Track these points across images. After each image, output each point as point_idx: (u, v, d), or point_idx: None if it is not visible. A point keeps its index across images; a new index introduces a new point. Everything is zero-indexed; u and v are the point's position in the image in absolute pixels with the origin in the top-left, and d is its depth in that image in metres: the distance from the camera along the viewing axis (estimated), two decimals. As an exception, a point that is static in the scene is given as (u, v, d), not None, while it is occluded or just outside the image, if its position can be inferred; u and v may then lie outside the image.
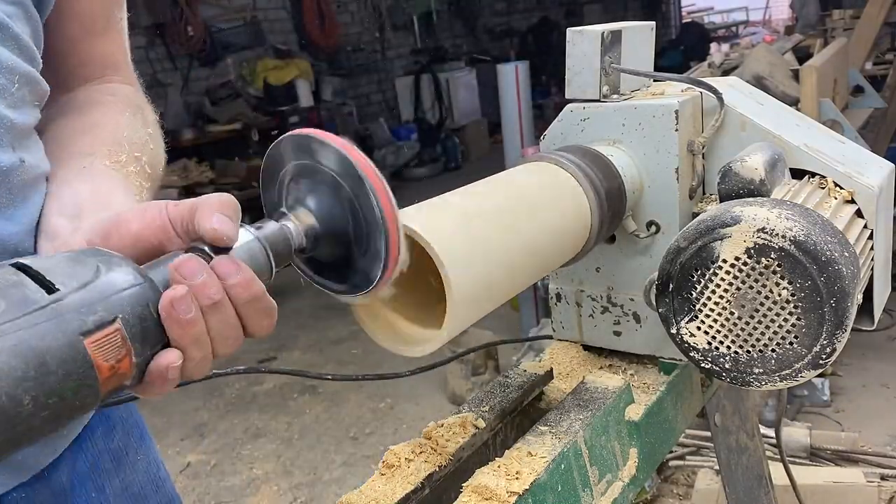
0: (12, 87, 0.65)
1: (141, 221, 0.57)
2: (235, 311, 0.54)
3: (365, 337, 0.68)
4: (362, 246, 0.59)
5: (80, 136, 0.74)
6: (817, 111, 2.80)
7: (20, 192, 0.67)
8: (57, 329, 0.45)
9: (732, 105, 0.90)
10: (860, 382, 3.20)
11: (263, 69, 7.50)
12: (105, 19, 0.83)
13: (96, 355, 0.46)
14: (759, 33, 9.75)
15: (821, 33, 4.55)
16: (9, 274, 0.46)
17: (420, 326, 0.68)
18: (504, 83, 3.85)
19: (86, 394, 0.46)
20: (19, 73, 0.66)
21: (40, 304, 0.45)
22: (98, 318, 0.47)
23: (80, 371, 0.46)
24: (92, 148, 0.72)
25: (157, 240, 0.57)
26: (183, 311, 0.51)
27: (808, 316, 0.69)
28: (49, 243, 0.65)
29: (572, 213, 0.80)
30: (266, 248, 0.57)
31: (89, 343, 0.46)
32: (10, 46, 0.65)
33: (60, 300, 0.46)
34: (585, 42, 0.91)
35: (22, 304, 0.44)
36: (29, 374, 0.43)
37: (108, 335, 0.47)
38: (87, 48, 0.82)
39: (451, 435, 0.80)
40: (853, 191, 0.86)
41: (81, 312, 0.46)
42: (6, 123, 0.65)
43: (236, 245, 0.56)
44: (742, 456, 1.12)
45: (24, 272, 0.47)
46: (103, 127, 0.75)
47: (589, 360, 1.00)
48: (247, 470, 3.23)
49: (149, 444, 0.91)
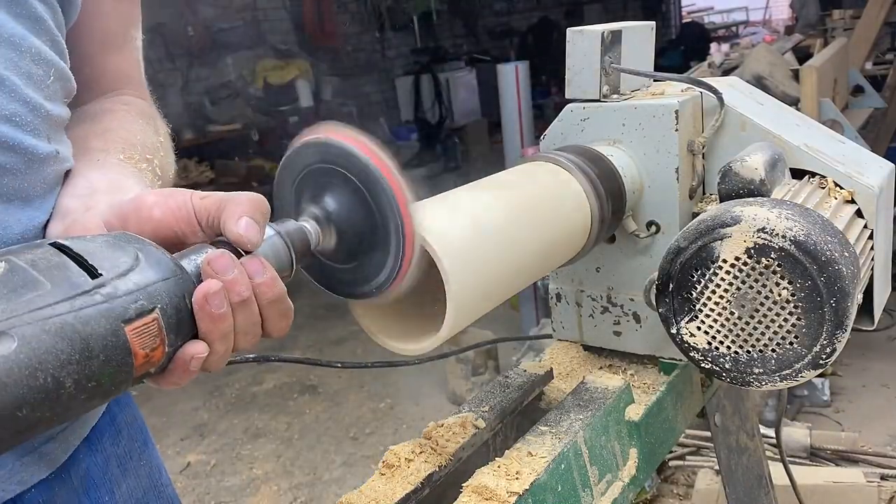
0: (48, 80, 0.67)
1: (164, 208, 0.57)
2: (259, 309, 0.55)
3: (365, 337, 0.68)
4: (377, 246, 0.59)
5: (93, 137, 0.75)
6: (817, 111, 2.80)
7: (54, 184, 0.69)
8: (100, 315, 0.45)
9: (732, 105, 0.90)
10: (860, 382, 3.20)
11: (263, 69, 7.49)
12: (122, 37, 0.85)
13: (135, 343, 0.47)
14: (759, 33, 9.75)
15: (821, 33, 4.55)
16: (50, 254, 0.47)
17: (419, 325, 0.68)
18: (504, 83, 3.85)
19: (120, 380, 0.47)
20: (54, 67, 0.68)
21: (84, 289, 0.45)
22: (139, 307, 0.47)
23: (119, 358, 0.46)
24: (105, 145, 0.73)
25: (180, 230, 0.57)
26: (216, 306, 0.51)
27: (808, 316, 0.69)
28: (60, 222, 0.66)
29: (572, 212, 0.80)
30: (289, 245, 0.57)
31: (129, 330, 0.47)
32: (46, 41, 0.67)
33: (103, 285, 0.46)
34: (585, 42, 0.91)
35: (67, 287, 0.45)
36: (73, 358, 0.43)
37: (147, 324, 0.48)
38: (103, 63, 0.84)
39: (451, 435, 0.80)
40: (853, 191, 0.86)
41: (124, 300, 0.47)
42: (43, 113, 0.66)
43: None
44: (742, 456, 1.12)
45: (64, 253, 0.47)
46: (116, 131, 0.77)
47: (589, 360, 1.00)
48: (247, 470, 3.23)
49: (151, 450, 0.92)
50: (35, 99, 0.65)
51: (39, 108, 0.66)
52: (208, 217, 0.56)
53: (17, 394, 0.40)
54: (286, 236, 0.57)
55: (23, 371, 0.41)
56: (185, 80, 7.20)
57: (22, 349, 0.41)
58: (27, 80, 0.64)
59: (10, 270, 0.44)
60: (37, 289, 0.44)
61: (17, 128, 0.63)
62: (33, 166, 0.65)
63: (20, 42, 0.64)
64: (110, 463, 0.83)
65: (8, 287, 0.43)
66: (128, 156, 0.73)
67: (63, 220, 0.66)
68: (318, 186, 0.60)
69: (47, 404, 0.42)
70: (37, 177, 0.66)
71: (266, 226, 0.57)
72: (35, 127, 0.65)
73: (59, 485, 0.76)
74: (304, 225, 0.59)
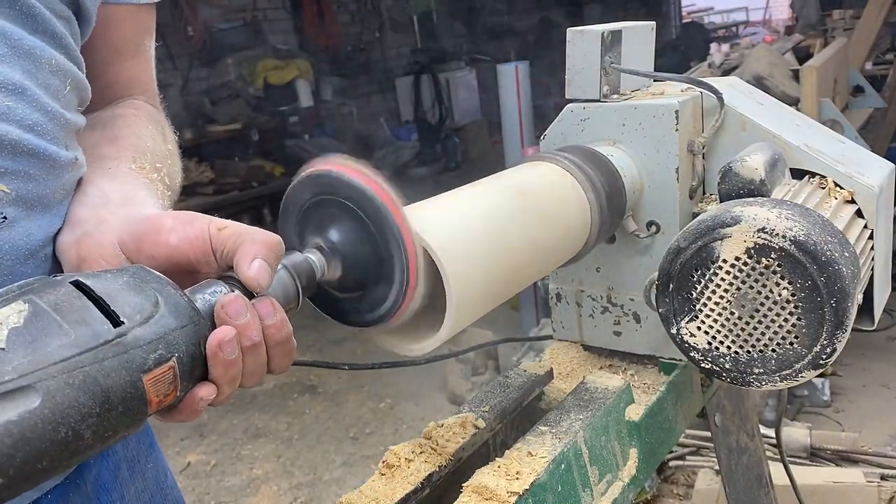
0: (65, 90, 0.68)
1: (181, 236, 0.58)
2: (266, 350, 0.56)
3: (365, 337, 0.68)
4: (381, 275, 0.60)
5: (105, 144, 0.75)
6: (817, 111, 2.80)
7: (72, 191, 0.70)
8: (122, 367, 0.45)
9: (732, 105, 0.90)
10: (860, 382, 3.20)
11: (263, 69, 7.49)
12: (136, 46, 0.86)
13: (150, 391, 0.47)
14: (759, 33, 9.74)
15: (821, 33, 4.56)
16: (72, 297, 0.46)
17: (419, 325, 0.68)
18: (504, 83, 3.85)
19: (134, 426, 0.47)
20: (71, 77, 0.69)
21: (107, 339, 0.45)
22: (158, 357, 0.48)
23: (135, 407, 0.47)
24: (117, 153, 0.74)
25: (195, 258, 0.58)
26: (229, 353, 0.52)
27: (809, 316, 0.69)
28: (70, 232, 0.66)
29: (572, 213, 0.80)
30: (295, 278, 0.58)
31: (147, 380, 0.47)
32: (62, 52, 0.68)
33: (125, 335, 0.46)
34: (585, 42, 0.91)
35: (90, 337, 0.45)
36: (94, 411, 0.43)
37: (164, 372, 0.48)
38: (117, 71, 0.85)
39: (451, 435, 0.80)
40: (853, 191, 0.86)
41: (144, 350, 0.47)
42: (62, 121, 0.67)
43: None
44: (742, 456, 1.12)
45: (85, 294, 0.47)
46: (127, 137, 0.77)
47: (589, 360, 1.00)
48: (247, 470, 3.23)
49: (157, 453, 0.92)
50: (54, 108, 0.66)
51: (59, 116, 0.67)
52: (223, 250, 0.57)
53: (39, 448, 0.41)
54: (293, 270, 0.58)
55: (46, 426, 0.41)
56: (185, 80, 7.20)
57: (46, 404, 0.41)
58: (45, 90, 0.65)
59: (34, 315, 0.44)
60: (60, 337, 0.44)
61: (39, 136, 0.64)
62: (54, 173, 0.66)
63: (39, 55, 0.65)
64: (120, 466, 0.83)
65: (32, 335, 0.43)
66: (139, 165, 0.73)
67: (74, 231, 0.66)
68: (322, 218, 0.61)
69: (66, 455, 0.43)
70: (57, 183, 0.67)
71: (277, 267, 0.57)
72: (55, 135, 0.66)
73: (73, 490, 0.76)
74: (309, 256, 0.60)
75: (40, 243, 0.66)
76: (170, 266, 0.58)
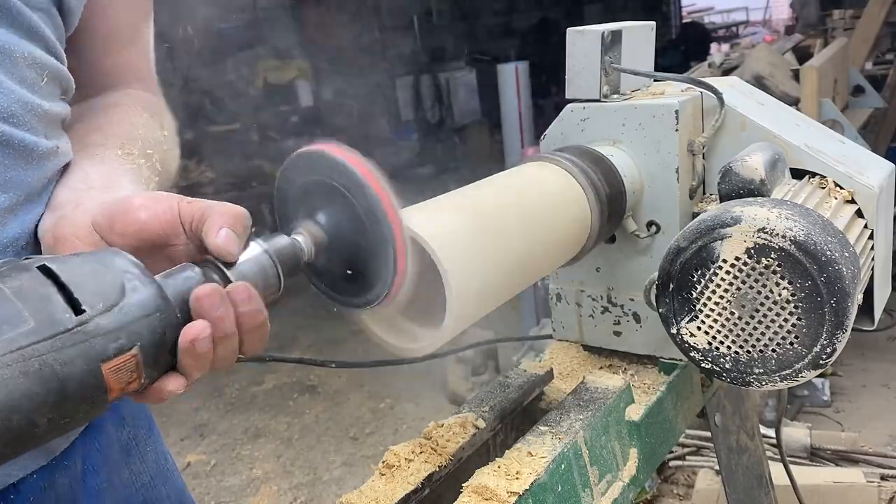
0: (41, 81, 0.69)
1: (150, 212, 0.59)
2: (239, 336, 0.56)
3: (364, 337, 0.68)
4: (370, 259, 0.59)
5: (94, 132, 0.76)
6: (817, 111, 2.80)
7: (54, 179, 0.70)
8: (80, 356, 0.45)
9: (732, 105, 0.90)
10: (860, 382, 3.20)
11: (263, 69, 7.49)
12: (131, 32, 0.86)
13: (110, 379, 0.47)
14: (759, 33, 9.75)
15: (821, 33, 4.56)
16: (38, 283, 0.46)
17: (419, 325, 0.68)
18: (504, 83, 3.85)
19: (94, 412, 0.47)
20: (48, 69, 0.69)
21: (66, 327, 0.45)
22: (118, 346, 0.47)
23: (94, 395, 0.46)
24: (104, 140, 0.74)
25: (164, 232, 0.59)
26: (201, 347, 0.52)
27: (809, 316, 0.69)
28: (51, 214, 0.67)
29: (572, 213, 0.80)
30: (275, 261, 0.58)
31: (106, 368, 0.47)
32: (39, 45, 0.69)
33: (86, 322, 0.46)
34: (585, 42, 0.91)
35: (49, 324, 0.45)
36: (49, 400, 0.43)
37: (125, 361, 0.48)
38: (113, 59, 0.85)
39: (451, 435, 0.80)
40: (853, 191, 0.86)
41: (105, 338, 0.47)
42: (39, 112, 0.68)
43: (246, 258, 0.57)
44: (742, 456, 1.12)
45: (51, 279, 0.47)
46: (118, 124, 0.78)
47: (589, 360, 1.00)
48: (247, 470, 3.23)
49: (157, 437, 0.93)
50: (31, 99, 0.67)
51: (36, 107, 0.67)
52: (192, 223, 0.58)
53: None
54: (274, 254, 0.58)
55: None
56: (185, 80, 7.20)
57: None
58: (20, 83, 0.66)
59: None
60: (19, 325, 0.44)
61: (14, 126, 0.65)
62: (33, 162, 0.67)
63: (13, 49, 0.65)
64: (112, 448, 0.84)
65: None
66: (126, 151, 0.73)
67: (54, 213, 0.67)
68: (314, 200, 0.61)
69: (20, 442, 0.43)
70: (38, 172, 0.68)
71: (245, 238, 0.57)
72: (32, 125, 0.67)
73: (60, 471, 0.77)
74: (295, 239, 0.59)
75: (20, 232, 0.66)
76: (140, 242, 0.58)
